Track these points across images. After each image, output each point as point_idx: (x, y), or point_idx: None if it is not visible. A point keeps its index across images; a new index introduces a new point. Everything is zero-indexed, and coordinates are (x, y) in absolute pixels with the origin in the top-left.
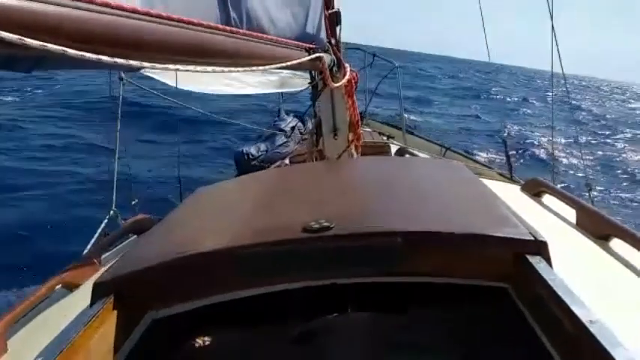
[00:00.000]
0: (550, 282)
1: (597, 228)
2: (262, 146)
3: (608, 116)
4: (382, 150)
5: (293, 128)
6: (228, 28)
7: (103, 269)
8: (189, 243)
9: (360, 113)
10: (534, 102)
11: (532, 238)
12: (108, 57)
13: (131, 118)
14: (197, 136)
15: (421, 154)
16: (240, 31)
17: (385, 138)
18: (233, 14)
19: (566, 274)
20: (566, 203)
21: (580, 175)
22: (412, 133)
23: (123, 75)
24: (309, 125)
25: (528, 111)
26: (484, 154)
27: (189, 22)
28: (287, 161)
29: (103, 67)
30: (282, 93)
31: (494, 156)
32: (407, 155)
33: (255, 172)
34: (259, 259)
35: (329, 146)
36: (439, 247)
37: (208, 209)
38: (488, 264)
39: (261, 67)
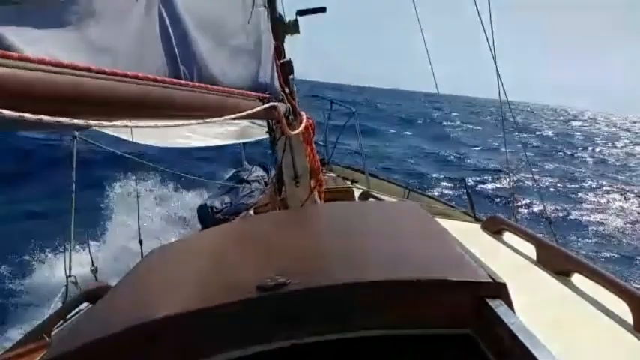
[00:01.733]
0: (510, 326)
1: (557, 264)
2: (226, 198)
3: (551, 136)
4: (346, 195)
5: (257, 178)
6: (176, 80)
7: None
8: (137, 311)
9: (322, 159)
10: (478, 127)
11: (490, 281)
12: (49, 117)
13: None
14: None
15: (384, 197)
16: (190, 83)
17: (349, 182)
18: (183, 68)
19: (528, 313)
20: (526, 240)
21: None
22: (375, 176)
23: (76, 133)
24: (272, 174)
25: (473, 135)
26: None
27: (134, 76)
28: (252, 212)
29: (44, 128)
30: (244, 143)
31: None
32: (370, 199)
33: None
34: (209, 326)
35: (291, 194)
36: (396, 295)
37: (162, 271)
38: (448, 309)
39: (215, 119)
